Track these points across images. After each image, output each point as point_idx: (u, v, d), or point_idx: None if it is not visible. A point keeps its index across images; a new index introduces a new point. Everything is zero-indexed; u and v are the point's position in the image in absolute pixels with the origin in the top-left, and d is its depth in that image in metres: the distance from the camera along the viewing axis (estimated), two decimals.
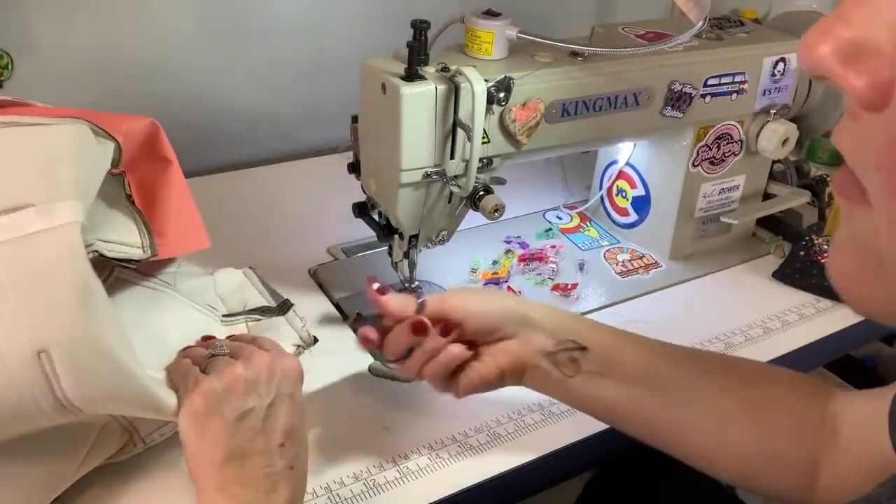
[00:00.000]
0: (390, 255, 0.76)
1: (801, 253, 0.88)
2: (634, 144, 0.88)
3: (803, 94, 0.91)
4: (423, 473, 0.60)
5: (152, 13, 0.96)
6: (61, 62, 0.93)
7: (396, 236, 0.73)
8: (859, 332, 0.82)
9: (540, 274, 0.85)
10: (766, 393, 0.56)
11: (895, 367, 1.51)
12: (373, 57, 0.68)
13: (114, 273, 0.63)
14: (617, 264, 0.88)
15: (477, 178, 0.68)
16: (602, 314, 0.80)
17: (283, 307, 0.72)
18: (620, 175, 0.91)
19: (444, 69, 0.64)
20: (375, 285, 0.56)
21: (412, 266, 0.77)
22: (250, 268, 0.76)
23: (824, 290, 0.84)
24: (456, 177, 0.68)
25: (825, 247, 0.88)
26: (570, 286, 0.83)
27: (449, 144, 0.66)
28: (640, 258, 0.90)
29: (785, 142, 0.85)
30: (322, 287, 0.81)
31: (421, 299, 0.57)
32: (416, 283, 0.78)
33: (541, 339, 0.58)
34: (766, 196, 0.94)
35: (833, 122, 0.93)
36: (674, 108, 0.78)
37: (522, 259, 0.87)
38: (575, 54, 0.72)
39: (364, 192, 0.75)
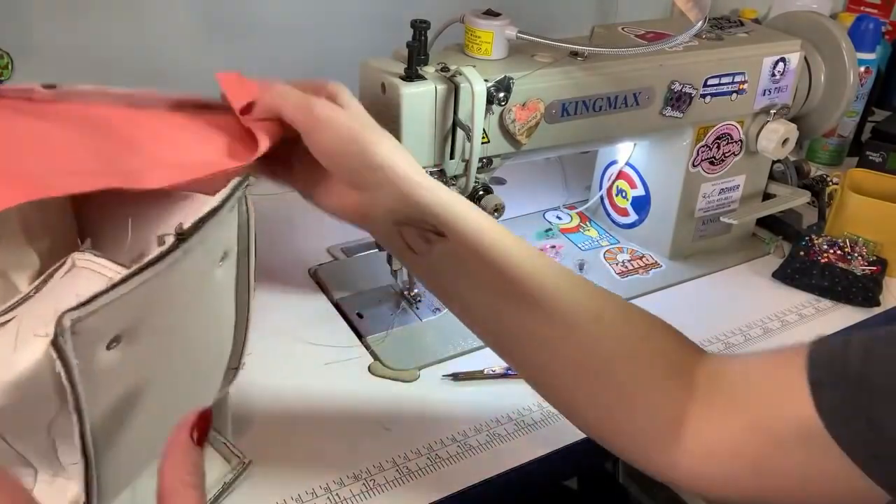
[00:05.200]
0: (389, 263, 0.76)
1: (801, 253, 0.88)
2: (634, 144, 0.88)
3: (803, 94, 0.91)
4: (422, 474, 0.60)
5: (152, 13, 0.96)
6: (61, 62, 0.93)
7: None
8: None
9: None
10: (637, 332, 0.50)
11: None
12: (373, 57, 0.68)
13: None
14: (617, 264, 0.88)
15: (477, 178, 0.68)
16: None
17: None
18: (620, 175, 0.91)
19: (444, 69, 0.64)
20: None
21: (411, 274, 0.77)
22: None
23: (824, 290, 0.84)
24: (456, 177, 0.68)
25: (825, 247, 0.88)
26: None
27: (449, 144, 0.66)
28: (640, 258, 0.90)
29: (785, 142, 0.85)
30: (322, 287, 0.81)
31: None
32: (416, 290, 0.78)
33: (391, 201, 0.50)
34: (766, 196, 0.94)
35: (833, 122, 0.94)
36: (674, 108, 0.78)
37: None
38: (575, 54, 0.72)
39: None
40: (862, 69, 1.05)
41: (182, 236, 0.42)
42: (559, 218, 0.98)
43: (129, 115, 0.50)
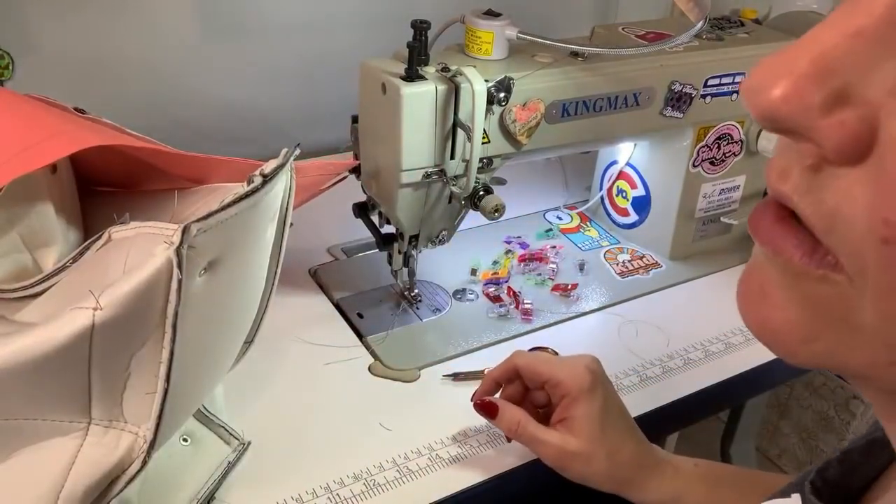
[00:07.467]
0: (390, 263, 0.76)
1: None
2: (634, 145, 0.88)
3: None
4: (422, 473, 0.60)
5: (152, 13, 0.96)
6: (61, 62, 0.93)
7: (396, 245, 0.73)
8: None
9: (540, 274, 0.85)
10: None
11: None
12: (373, 57, 0.68)
13: None
14: (617, 264, 0.88)
15: (477, 178, 0.68)
16: (602, 314, 0.80)
17: None
18: (621, 175, 0.91)
19: (445, 69, 0.64)
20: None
21: (411, 274, 0.77)
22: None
23: None
24: (456, 177, 0.68)
25: None
26: (570, 286, 0.83)
27: (449, 144, 0.66)
28: (641, 258, 0.90)
29: None
30: (322, 287, 0.81)
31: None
32: (416, 290, 0.78)
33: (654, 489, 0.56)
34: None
35: None
36: (674, 109, 0.78)
37: (522, 259, 0.87)
38: (575, 54, 0.72)
39: (364, 192, 0.75)
40: None
41: (266, 177, 0.45)
42: (559, 218, 0.98)
43: None
